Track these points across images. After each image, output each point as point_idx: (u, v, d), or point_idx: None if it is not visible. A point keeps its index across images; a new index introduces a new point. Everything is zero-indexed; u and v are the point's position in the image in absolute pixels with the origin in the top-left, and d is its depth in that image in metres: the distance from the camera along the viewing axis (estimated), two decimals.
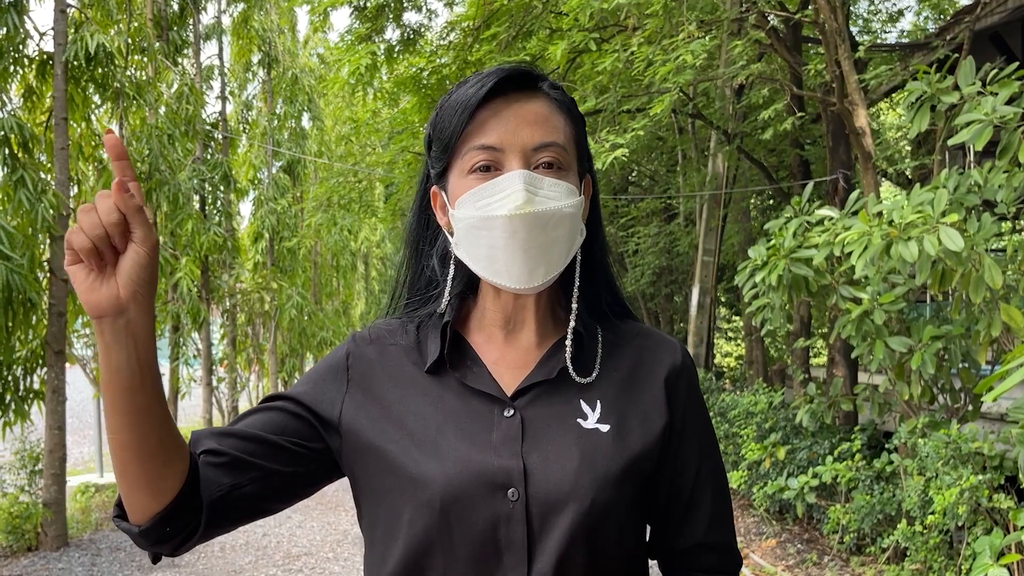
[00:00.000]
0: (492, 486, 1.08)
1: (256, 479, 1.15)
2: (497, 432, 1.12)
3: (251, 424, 1.18)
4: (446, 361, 1.18)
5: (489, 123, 1.13)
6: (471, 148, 1.13)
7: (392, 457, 1.14)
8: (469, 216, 1.13)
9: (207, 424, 12.14)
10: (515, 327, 1.22)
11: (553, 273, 1.14)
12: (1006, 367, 2.90)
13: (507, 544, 1.08)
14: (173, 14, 11.29)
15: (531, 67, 1.18)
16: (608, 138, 6.75)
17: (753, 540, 6.95)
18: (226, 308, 13.28)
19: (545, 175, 1.12)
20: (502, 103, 1.13)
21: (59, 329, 7.25)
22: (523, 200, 1.09)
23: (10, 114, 7.05)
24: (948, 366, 4.69)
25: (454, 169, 1.16)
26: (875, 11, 13.35)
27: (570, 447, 1.12)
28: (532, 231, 1.10)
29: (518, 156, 1.12)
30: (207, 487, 1.13)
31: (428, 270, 1.26)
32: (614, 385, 1.19)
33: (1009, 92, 3.81)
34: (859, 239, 4.04)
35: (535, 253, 1.11)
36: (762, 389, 8.49)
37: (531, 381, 1.17)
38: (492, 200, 1.11)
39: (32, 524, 7.13)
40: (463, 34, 9.21)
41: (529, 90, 1.16)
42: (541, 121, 1.14)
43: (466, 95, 1.13)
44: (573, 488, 1.09)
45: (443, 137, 1.16)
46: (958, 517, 4.55)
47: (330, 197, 13.20)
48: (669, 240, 14.62)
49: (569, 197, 1.13)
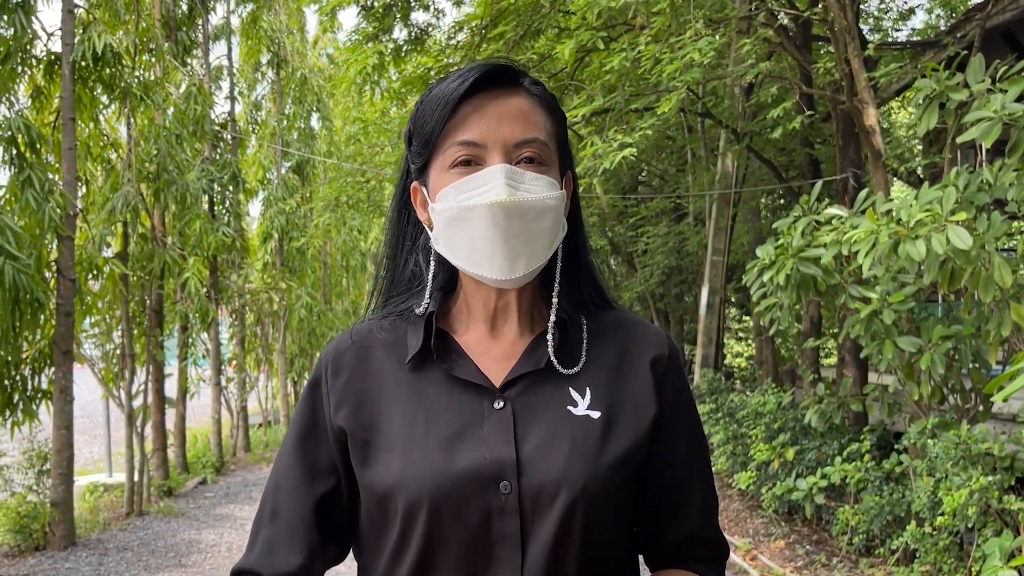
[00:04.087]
0: (484, 480, 1.08)
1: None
2: (488, 424, 1.12)
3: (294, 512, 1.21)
4: (432, 353, 1.17)
5: (470, 118, 1.12)
6: (452, 144, 1.12)
7: (381, 455, 1.13)
8: (450, 208, 1.12)
9: (216, 424, 12.16)
10: (498, 320, 1.21)
11: (535, 265, 1.14)
12: (1016, 367, 2.86)
13: (500, 537, 1.08)
14: (182, 15, 11.30)
15: (512, 63, 1.17)
16: (616, 137, 6.72)
17: (762, 541, 6.91)
18: (235, 308, 13.28)
19: (527, 169, 1.12)
20: (484, 98, 1.13)
21: (66, 329, 7.26)
22: (505, 192, 1.08)
23: (18, 114, 7.06)
24: (958, 366, 4.66)
25: (435, 164, 1.16)
26: (886, 9, 13.27)
27: (561, 433, 1.11)
28: (513, 221, 1.09)
29: (499, 151, 1.11)
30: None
31: (412, 264, 1.25)
32: (602, 373, 1.18)
33: (1019, 89, 3.77)
34: (866, 238, 4.01)
35: (516, 243, 1.10)
36: (771, 389, 8.45)
37: (519, 372, 1.16)
38: (473, 193, 1.10)
39: (40, 523, 7.13)
40: (471, 33, 9.19)
41: (510, 86, 1.15)
42: (522, 117, 1.13)
43: (447, 90, 1.13)
44: (564, 475, 1.08)
45: (424, 132, 1.15)
46: (968, 518, 4.51)
47: (338, 197, 13.21)
48: (678, 240, 14.58)
49: (550, 190, 1.13)
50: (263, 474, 11.38)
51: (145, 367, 9.22)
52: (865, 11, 12.70)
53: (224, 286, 12.35)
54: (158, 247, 9.27)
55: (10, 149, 6.91)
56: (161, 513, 8.75)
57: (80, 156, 8.22)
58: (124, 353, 8.80)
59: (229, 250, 11.65)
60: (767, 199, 14.67)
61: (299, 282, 15.30)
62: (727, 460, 8.13)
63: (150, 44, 9.22)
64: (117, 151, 9.06)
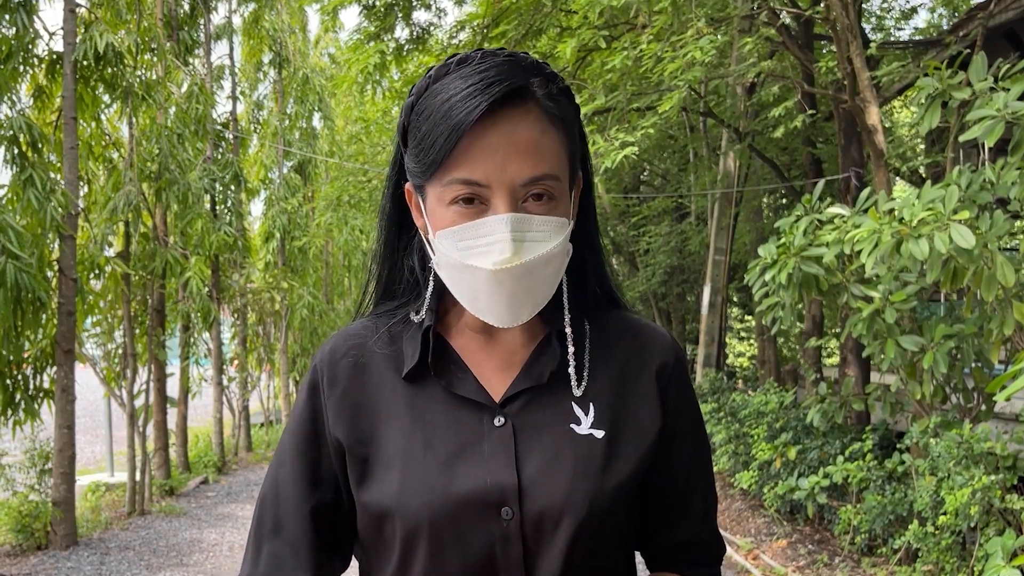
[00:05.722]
0: (485, 505, 1.05)
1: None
2: (488, 443, 1.08)
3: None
4: (429, 368, 1.12)
5: (474, 153, 1.01)
6: (454, 180, 1.02)
7: (378, 473, 1.10)
8: (451, 257, 1.05)
9: (218, 424, 12.16)
10: (497, 327, 1.13)
11: (539, 308, 1.08)
12: (1018, 366, 2.86)
13: (504, 565, 1.05)
14: (183, 14, 11.29)
15: (527, 77, 1.04)
16: (618, 136, 6.71)
17: (764, 541, 6.90)
18: (237, 308, 13.27)
19: (535, 210, 1.03)
20: (490, 126, 1.00)
21: (68, 328, 7.26)
22: (510, 252, 1.00)
23: (19, 114, 7.04)
24: (960, 365, 4.65)
25: (433, 189, 1.06)
26: (888, 8, 13.26)
27: (564, 455, 1.08)
28: (519, 281, 1.03)
29: (505, 194, 1.01)
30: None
31: (406, 262, 1.20)
32: (606, 387, 1.14)
33: (1021, 88, 3.77)
34: (869, 237, 4.00)
35: (521, 296, 1.04)
36: (773, 389, 8.45)
37: (520, 387, 1.12)
38: (476, 244, 1.02)
39: (41, 523, 7.14)
40: (473, 33, 9.19)
41: (523, 102, 1.03)
42: (533, 150, 1.02)
43: (455, 112, 1.00)
44: (568, 500, 1.05)
45: (426, 147, 1.04)
46: (970, 518, 4.50)
47: (340, 196, 13.21)
48: (680, 239, 14.58)
49: (559, 234, 1.05)
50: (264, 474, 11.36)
51: (147, 366, 9.21)
52: (867, 10, 12.69)
53: (226, 285, 12.34)
54: (160, 246, 9.26)
55: (12, 148, 6.89)
56: (163, 512, 8.75)
57: (82, 155, 8.21)
58: (126, 352, 8.80)
59: (231, 249, 11.64)
60: (769, 198, 14.69)
61: (301, 282, 15.28)
62: (729, 459, 8.12)
63: (152, 43, 9.21)
64: (119, 150, 9.05)
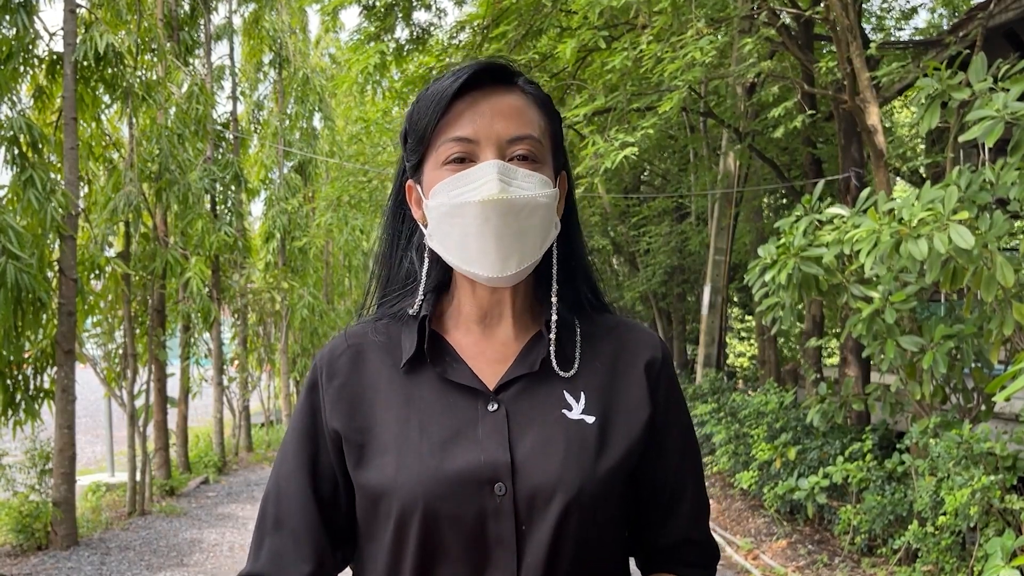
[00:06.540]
0: (478, 482, 1.08)
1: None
2: (482, 427, 1.12)
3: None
4: (425, 356, 1.17)
5: (464, 115, 1.13)
6: (446, 140, 1.13)
7: (375, 458, 1.13)
8: (442, 204, 1.13)
9: (218, 424, 12.17)
10: (492, 321, 1.21)
11: (527, 263, 1.14)
12: (1018, 366, 2.86)
13: (496, 539, 1.08)
14: (184, 14, 11.29)
15: (507, 62, 1.19)
16: (618, 137, 6.71)
17: (763, 541, 6.90)
18: (237, 308, 13.27)
19: (520, 166, 1.13)
20: (478, 95, 1.14)
21: (69, 328, 7.26)
22: (497, 189, 1.09)
23: (20, 114, 7.04)
24: (960, 365, 4.65)
25: (429, 161, 1.16)
26: (888, 8, 13.26)
27: (556, 438, 1.11)
28: (505, 218, 1.10)
29: (493, 148, 1.12)
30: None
31: (407, 261, 1.26)
32: (597, 377, 1.18)
33: (1021, 88, 3.77)
34: (868, 237, 4.00)
35: (508, 240, 1.11)
36: (773, 389, 8.45)
37: (513, 375, 1.16)
38: (466, 189, 1.11)
39: (42, 523, 7.14)
40: (473, 33, 9.19)
41: (505, 84, 1.16)
42: (516, 114, 1.14)
43: (442, 87, 1.14)
44: (560, 480, 1.08)
45: (418, 129, 1.16)
46: (970, 518, 4.51)
47: (340, 196, 13.21)
48: (681, 239, 14.58)
49: (543, 188, 1.13)
50: (265, 474, 11.38)
51: (147, 367, 9.22)
52: (867, 10, 12.69)
53: (226, 286, 12.35)
54: (160, 247, 9.27)
55: (12, 149, 6.89)
56: (163, 512, 8.75)
57: (82, 156, 8.21)
58: (126, 353, 8.81)
59: (231, 250, 11.65)
60: (769, 198, 14.69)
61: (301, 282, 15.28)
62: (729, 460, 8.12)
63: (152, 44, 9.21)
64: (119, 151, 9.05)
